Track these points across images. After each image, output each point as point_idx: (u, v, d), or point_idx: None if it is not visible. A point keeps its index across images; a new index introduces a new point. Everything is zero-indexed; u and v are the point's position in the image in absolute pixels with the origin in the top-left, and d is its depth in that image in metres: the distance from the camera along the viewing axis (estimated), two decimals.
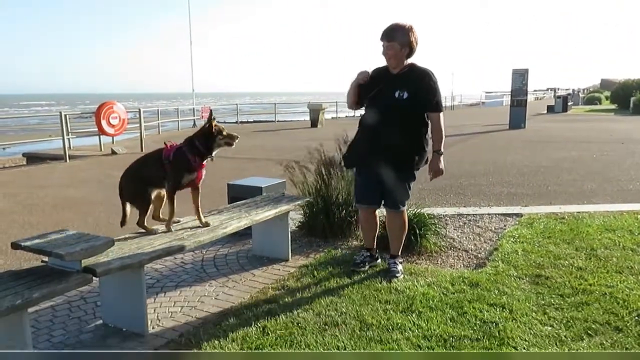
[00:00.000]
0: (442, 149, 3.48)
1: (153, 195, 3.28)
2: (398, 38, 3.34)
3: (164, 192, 3.29)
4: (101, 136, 13.15)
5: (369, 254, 3.84)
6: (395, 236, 3.73)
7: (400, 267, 3.67)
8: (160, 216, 3.40)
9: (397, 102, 3.38)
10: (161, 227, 3.27)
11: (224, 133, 3.27)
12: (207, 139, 3.24)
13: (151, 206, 3.29)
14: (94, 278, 2.52)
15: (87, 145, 14.17)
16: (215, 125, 3.26)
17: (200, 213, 3.35)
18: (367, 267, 3.75)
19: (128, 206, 3.27)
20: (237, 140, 3.31)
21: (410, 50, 3.39)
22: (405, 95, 3.36)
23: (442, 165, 3.47)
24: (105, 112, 12.53)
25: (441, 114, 3.48)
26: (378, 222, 3.85)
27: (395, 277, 3.56)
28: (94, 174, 9.44)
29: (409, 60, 3.45)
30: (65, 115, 12.28)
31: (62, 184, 8.26)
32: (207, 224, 3.32)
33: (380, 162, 3.48)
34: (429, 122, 3.47)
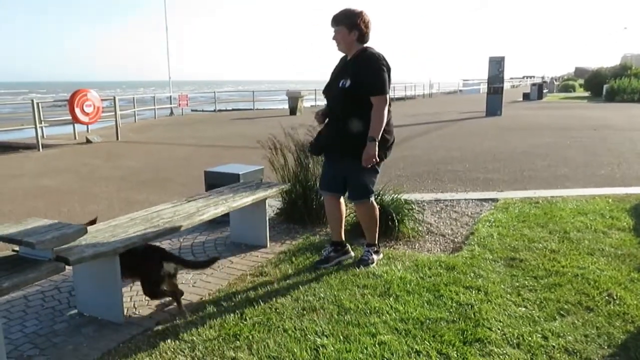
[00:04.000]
0: (376, 137, 3.20)
1: None
2: (346, 22, 3.24)
3: None
4: (75, 125, 12.88)
5: (332, 248, 3.64)
6: (366, 226, 3.62)
7: (374, 256, 3.57)
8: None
9: (340, 92, 3.26)
10: None
11: None
12: None
13: None
14: (67, 267, 2.48)
15: (61, 134, 13.87)
16: None
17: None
18: (333, 263, 3.57)
19: None
20: None
21: (360, 33, 3.26)
22: (348, 83, 3.23)
23: (374, 152, 3.21)
24: (79, 100, 12.26)
25: (382, 98, 3.20)
26: (344, 212, 3.68)
27: (366, 265, 3.48)
28: (68, 163, 9.25)
29: (364, 46, 3.32)
30: (38, 104, 11.97)
31: (35, 173, 8.08)
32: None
33: (337, 153, 3.42)
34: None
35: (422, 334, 2.61)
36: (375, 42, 3.41)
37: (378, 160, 3.30)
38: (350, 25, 3.25)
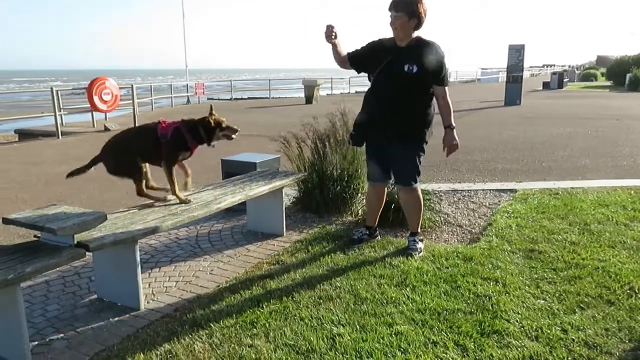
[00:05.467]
0: (453, 123, 3.43)
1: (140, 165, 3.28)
2: (406, 9, 3.25)
3: (146, 165, 3.32)
4: (94, 112, 13.02)
5: (367, 232, 3.82)
6: (411, 213, 3.66)
7: (420, 245, 3.60)
8: (154, 186, 3.40)
9: (407, 76, 3.30)
10: (169, 196, 3.34)
11: (224, 126, 3.33)
12: (207, 130, 3.31)
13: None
14: (87, 253, 2.51)
15: (79, 122, 14.03)
16: (214, 119, 3.30)
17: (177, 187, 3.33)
18: (362, 244, 3.73)
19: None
20: (237, 134, 3.38)
21: (419, 21, 3.29)
22: (415, 69, 3.28)
23: (456, 139, 3.43)
24: (97, 88, 12.37)
25: (447, 88, 3.41)
26: (383, 201, 3.81)
27: (413, 254, 3.50)
28: (87, 151, 9.32)
29: (416, 33, 3.36)
30: (57, 91, 12.11)
31: (55, 161, 8.20)
32: (187, 201, 3.30)
33: (388, 138, 3.44)
34: (435, 96, 3.41)
35: (439, 325, 2.59)
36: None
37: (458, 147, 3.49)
38: (410, 13, 3.25)
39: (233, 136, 3.37)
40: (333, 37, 3.36)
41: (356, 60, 3.50)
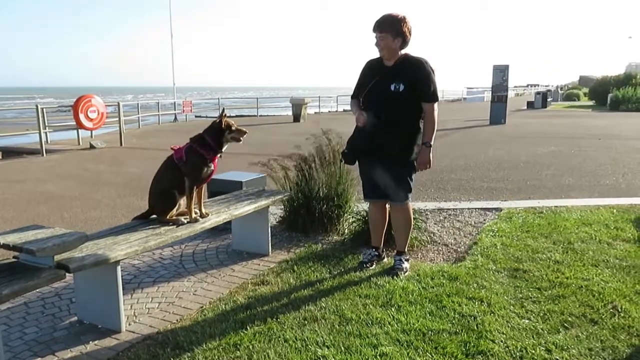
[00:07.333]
0: (431, 142, 3.41)
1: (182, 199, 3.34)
2: (390, 29, 3.27)
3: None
4: (79, 130, 12.92)
5: (376, 253, 3.77)
6: (401, 231, 3.67)
7: (406, 264, 3.59)
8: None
9: (394, 95, 3.32)
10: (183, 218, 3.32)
11: (233, 128, 3.35)
12: (217, 134, 3.31)
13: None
14: (67, 274, 2.47)
15: (65, 140, 13.91)
16: (225, 121, 3.33)
17: (202, 205, 3.43)
18: (374, 266, 3.68)
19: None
20: (245, 136, 3.40)
21: (404, 40, 3.32)
22: (402, 87, 3.30)
23: (430, 157, 3.42)
24: (83, 106, 12.31)
25: (436, 105, 3.40)
26: (387, 218, 3.76)
27: (399, 274, 3.48)
28: (71, 169, 9.27)
29: (403, 51, 3.39)
30: (42, 109, 12.02)
31: (39, 179, 8.10)
32: (207, 214, 3.39)
33: (379, 156, 3.45)
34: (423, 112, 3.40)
35: (424, 346, 2.58)
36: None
37: (430, 166, 3.47)
38: (395, 32, 3.29)
39: (241, 138, 3.39)
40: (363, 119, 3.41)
41: (359, 94, 3.56)
